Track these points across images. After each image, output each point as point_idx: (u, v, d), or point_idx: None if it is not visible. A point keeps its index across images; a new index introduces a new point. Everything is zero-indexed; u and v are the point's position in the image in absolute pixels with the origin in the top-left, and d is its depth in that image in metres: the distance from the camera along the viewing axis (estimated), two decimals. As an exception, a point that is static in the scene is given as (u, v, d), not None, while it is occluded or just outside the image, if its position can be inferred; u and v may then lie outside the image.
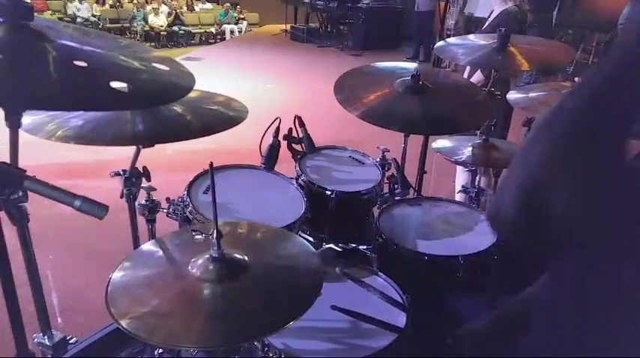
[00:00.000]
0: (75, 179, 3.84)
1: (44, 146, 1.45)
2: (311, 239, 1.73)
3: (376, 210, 1.79)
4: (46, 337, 1.20)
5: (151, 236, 1.60)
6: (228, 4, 13.38)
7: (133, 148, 1.39)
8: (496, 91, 2.12)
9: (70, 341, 1.25)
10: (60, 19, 10.47)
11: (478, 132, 2.05)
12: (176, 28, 12.04)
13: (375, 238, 1.62)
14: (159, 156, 3.02)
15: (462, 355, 1.15)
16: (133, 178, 1.45)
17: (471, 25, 8.36)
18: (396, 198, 1.82)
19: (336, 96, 1.75)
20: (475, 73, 2.95)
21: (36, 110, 1.22)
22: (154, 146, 1.34)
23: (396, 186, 1.84)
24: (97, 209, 0.93)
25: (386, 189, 1.86)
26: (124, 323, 0.89)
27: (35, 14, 0.95)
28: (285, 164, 1.90)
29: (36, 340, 1.21)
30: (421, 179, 2.14)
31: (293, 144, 1.92)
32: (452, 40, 2.26)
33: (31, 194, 0.96)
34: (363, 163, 1.99)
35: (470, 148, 2.01)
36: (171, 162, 3.77)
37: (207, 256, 1.02)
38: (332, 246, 1.61)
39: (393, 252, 1.55)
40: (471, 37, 2.23)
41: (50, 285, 2.46)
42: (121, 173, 1.45)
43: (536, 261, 0.82)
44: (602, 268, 0.67)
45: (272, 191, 1.72)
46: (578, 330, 0.76)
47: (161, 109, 1.35)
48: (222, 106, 1.55)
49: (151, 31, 11.86)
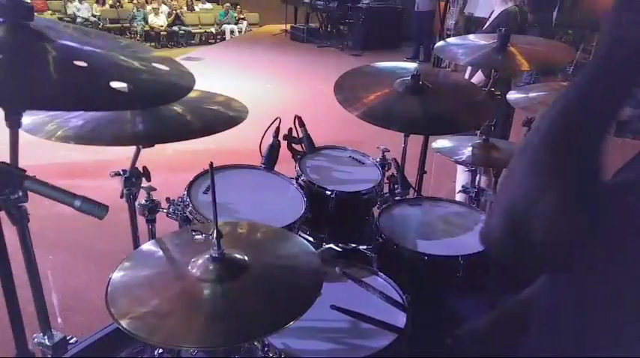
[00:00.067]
0: (75, 179, 3.84)
1: (44, 146, 1.45)
2: (311, 239, 1.73)
3: (376, 210, 1.79)
4: (46, 337, 1.20)
5: (151, 236, 1.60)
6: (228, 4, 13.38)
7: (133, 148, 1.39)
8: (496, 91, 2.11)
9: (70, 341, 1.25)
10: (60, 19, 10.47)
11: (478, 132, 2.05)
12: (176, 28, 12.04)
13: (375, 238, 1.62)
14: (159, 156, 3.02)
15: (462, 355, 1.15)
16: (133, 178, 1.45)
17: (471, 25, 8.35)
18: (396, 198, 1.82)
19: (336, 97, 1.75)
20: (476, 74, 2.96)
21: (36, 110, 1.22)
22: (154, 146, 1.34)
23: (396, 186, 1.84)
24: (97, 209, 0.93)
25: (386, 189, 1.86)
26: (124, 323, 0.89)
27: (35, 14, 0.95)
28: (285, 164, 1.90)
29: (36, 340, 1.21)
30: (421, 179, 2.14)
31: (293, 144, 1.92)
32: (452, 40, 2.26)
33: (31, 194, 0.96)
34: (363, 163, 1.98)
35: (470, 148, 2.01)
36: (171, 162, 3.78)
37: (207, 256, 1.02)
38: (332, 246, 1.61)
39: (393, 252, 1.55)
40: (471, 37, 2.22)
41: (50, 285, 2.46)
42: (121, 173, 1.44)
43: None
44: (601, 268, 0.67)
45: (272, 191, 1.72)
46: (577, 330, 0.76)
47: (161, 109, 1.35)
48: (222, 106, 1.55)
49: (151, 31, 11.85)
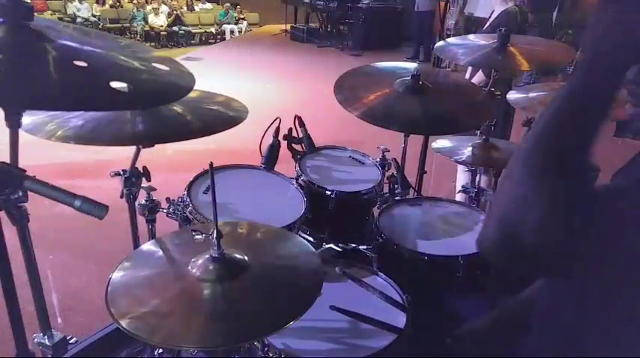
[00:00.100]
0: (75, 179, 3.84)
1: (44, 146, 1.45)
2: (311, 239, 1.73)
3: (376, 210, 1.79)
4: (46, 337, 1.20)
5: (151, 236, 1.60)
6: (228, 4, 13.37)
7: (133, 148, 1.39)
8: (496, 91, 2.11)
9: (70, 341, 1.25)
10: (60, 19, 10.47)
11: (478, 132, 2.05)
12: (176, 28, 12.03)
13: (375, 238, 1.62)
14: (159, 156, 3.03)
15: (462, 355, 1.15)
16: (133, 178, 1.45)
17: (471, 25, 8.36)
18: (396, 198, 1.82)
19: (336, 97, 1.75)
20: (476, 74, 2.96)
21: (36, 110, 1.22)
22: (154, 146, 1.34)
23: (396, 186, 1.84)
24: (97, 209, 0.93)
25: (386, 189, 1.86)
26: (124, 323, 0.89)
27: (35, 14, 0.95)
28: (285, 164, 1.90)
29: (36, 340, 1.20)
30: (421, 179, 2.14)
31: (293, 144, 1.92)
32: (452, 40, 2.26)
33: (31, 194, 0.96)
34: (363, 163, 1.98)
35: (470, 148, 2.01)
36: (171, 162, 3.78)
37: (207, 256, 1.02)
38: (332, 246, 1.61)
39: (393, 252, 1.55)
40: (471, 37, 2.23)
41: (50, 285, 2.46)
42: (121, 173, 1.44)
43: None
44: (596, 271, 0.68)
45: (272, 191, 1.72)
46: (576, 330, 0.76)
47: (161, 109, 1.35)
48: (222, 106, 1.55)
49: (151, 31, 11.85)
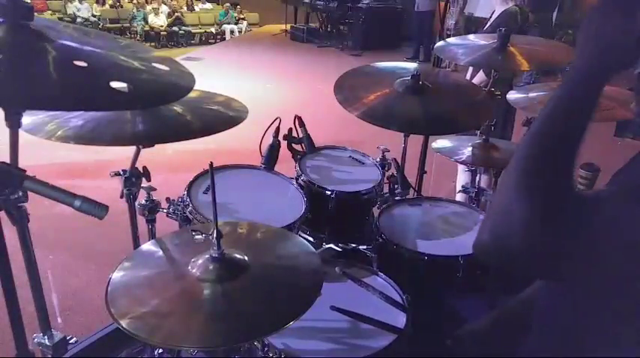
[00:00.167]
0: (75, 179, 3.84)
1: (44, 146, 1.45)
2: (311, 239, 1.73)
3: (376, 210, 1.79)
4: (46, 337, 1.20)
5: (151, 236, 1.60)
6: (228, 4, 13.37)
7: (133, 148, 1.39)
8: (496, 91, 2.11)
9: (70, 341, 1.25)
10: (60, 19, 10.47)
11: (478, 132, 2.05)
12: (176, 28, 12.03)
13: (375, 238, 1.62)
14: (159, 156, 3.02)
15: (462, 355, 1.15)
16: (133, 178, 1.44)
17: (471, 25, 8.36)
18: (396, 198, 1.82)
19: (336, 96, 1.75)
20: (477, 74, 2.95)
21: (36, 110, 1.22)
22: (154, 146, 1.34)
23: (396, 186, 1.84)
24: (97, 209, 0.93)
25: (386, 189, 1.86)
26: (124, 323, 0.89)
27: (35, 14, 0.95)
28: (285, 164, 1.90)
29: (36, 340, 1.20)
30: (421, 179, 2.14)
31: (293, 144, 1.92)
32: (452, 40, 2.26)
33: (31, 194, 0.96)
34: (363, 163, 1.98)
35: (470, 148, 2.01)
36: (172, 162, 3.78)
37: (207, 256, 1.02)
38: (332, 246, 1.61)
39: (393, 252, 1.55)
40: (471, 37, 2.23)
41: (50, 285, 2.46)
42: (121, 173, 1.44)
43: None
44: (593, 274, 0.68)
45: (272, 191, 1.72)
46: (577, 330, 0.76)
47: (161, 109, 1.35)
48: (222, 106, 1.55)
49: (151, 31, 11.85)
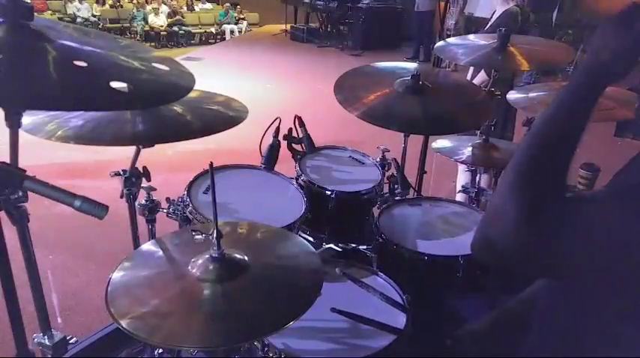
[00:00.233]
0: (75, 179, 3.84)
1: (44, 146, 1.45)
2: (311, 239, 1.73)
3: (376, 210, 1.79)
4: (46, 337, 1.20)
5: (151, 236, 1.60)
6: (228, 4, 13.37)
7: (133, 148, 1.39)
8: (496, 91, 2.11)
9: (70, 341, 1.25)
10: (60, 19, 10.47)
11: (478, 132, 2.05)
12: (176, 28, 12.03)
13: (375, 238, 1.62)
14: (159, 156, 3.03)
15: (463, 355, 1.15)
16: (133, 178, 1.45)
17: (471, 25, 8.36)
18: (396, 198, 1.82)
19: (336, 96, 1.75)
20: (478, 74, 2.95)
21: (36, 110, 1.22)
22: (154, 146, 1.34)
23: (396, 186, 1.85)
24: (97, 209, 0.93)
25: (386, 189, 1.86)
26: (124, 323, 0.88)
27: (35, 14, 0.95)
28: (285, 164, 1.90)
29: (36, 340, 1.20)
30: (421, 179, 2.14)
31: (293, 144, 1.92)
32: (452, 40, 2.26)
33: (31, 194, 0.96)
34: (363, 163, 1.99)
35: (470, 148, 2.01)
36: (172, 162, 3.78)
37: (207, 256, 1.02)
38: (332, 246, 1.61)
39: (393, 251, 1.54)
40: (471, 37, 2.23)
41: (50, 285, 2.47)
42: (121, 173, 1.44)
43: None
44: (598, 269, 0.67)
45: (272, 191, 1.72)
46: (577, 330, 0.76)
47: (161, 109, 1.35)
48: (222, 106, 1.55)
49: (151, 31, 11.85)
